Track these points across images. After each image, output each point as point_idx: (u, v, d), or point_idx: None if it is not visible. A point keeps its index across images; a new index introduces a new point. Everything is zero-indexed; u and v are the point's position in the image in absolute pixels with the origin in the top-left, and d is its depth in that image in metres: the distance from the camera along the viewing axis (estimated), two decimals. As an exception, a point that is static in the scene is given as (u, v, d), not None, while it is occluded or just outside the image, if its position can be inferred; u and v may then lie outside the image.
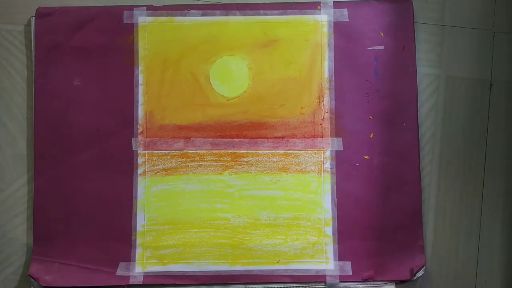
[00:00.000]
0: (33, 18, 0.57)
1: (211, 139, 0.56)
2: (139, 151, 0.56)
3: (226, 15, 0.57)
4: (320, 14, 0.57)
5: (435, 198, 0.56)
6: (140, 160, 0.56)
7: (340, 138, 0.56)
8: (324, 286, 0.55)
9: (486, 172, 0.57)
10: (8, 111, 0.57)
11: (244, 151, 0.56)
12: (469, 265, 0.56)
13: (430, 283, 0.56)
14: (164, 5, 0.57)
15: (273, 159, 0.56)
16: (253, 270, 0.55)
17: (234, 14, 0.57)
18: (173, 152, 0.56)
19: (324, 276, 0.55)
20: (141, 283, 0.54)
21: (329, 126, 0.56)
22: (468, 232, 0.56)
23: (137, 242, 0.55)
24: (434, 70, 0.58)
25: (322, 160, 0.56)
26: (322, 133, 0.56)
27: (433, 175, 0.57)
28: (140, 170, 0.56)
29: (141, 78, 0.57)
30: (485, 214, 0.57)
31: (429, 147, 0.57)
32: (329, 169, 0.56)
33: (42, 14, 0.57)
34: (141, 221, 0.55)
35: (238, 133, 0.56)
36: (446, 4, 0.58)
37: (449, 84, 0.58)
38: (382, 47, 0.56)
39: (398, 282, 0.55)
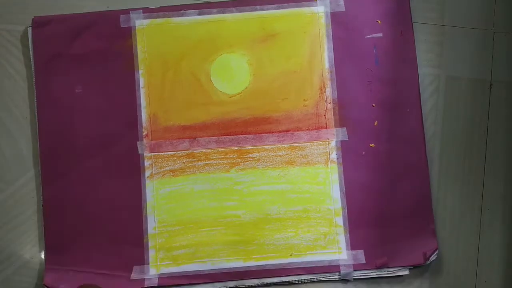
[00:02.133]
0: (30, 28, 0.57)
1: (216, 137, 0.56)
2: (145, 154, 0.56)
3: (223, 13, 0.57)
4: (316, 5, 0.57)
5: (435, 198, 0.56)
6: (146, 163, 0.56)
7: (345, 127, 0.56)
8: (339, 276, 0.55)
9: (486, 172, 0.57)
10: (8, 111, 0.57)
11: (249, 147, 0.56)
12: (469, 265, 0.56)
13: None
14: (160, 7, 0.57)
15: (279, 153, 0.56)
16: (266, 265, 0.55)
17: (231, 11, 0.57)
18: (179, 153, 0.56)
19: (338, 266, 0.55)
20: (156, 285, 0.54)
21: (332, 117, 0.56)
22: (468, 232, 0.56)
23: (150, 245, 0.55)
24: (434, 70, 0.58)
25: (328, 151, 0.56)
26: (326, 124, 0.56)
27: (433, 175, 0.56)
28: (147, 173, 0.56)
29: (142, 81, 0.56)
30: (485, 214, 0.57)
31: (429, 147, 0.57)
32: (335, 160, 0.56)
33: (38, 24, 0.56)
34: (152, 224, 0.55)
35: (242, 130, 0.56)
36: (446, 4, 0.58)
37: (449, 84, 0.57)
38: (380, 35, 0.57)
39: (412, 268, 0.55)
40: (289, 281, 0.55)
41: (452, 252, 0.56)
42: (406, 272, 0.55)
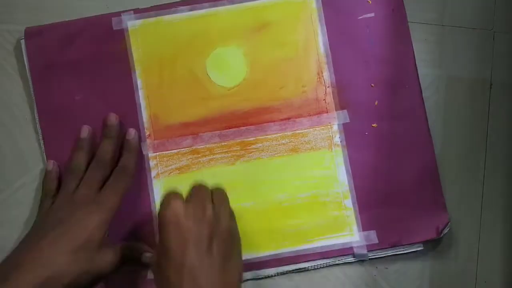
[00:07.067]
0: (22, 40, 0.56)
1: (218, 131, 0.56)
2: (149, 154, 0.56)
3: (214, 6, 0.57)
4: (306, -9, 0.57)
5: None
6: (152, 163, 0.56)
7: (345, 110, 0.56)
8: (353, 258, 0.55)
9: (486, 172, 0.57)
10: (8, 111, 0.57)
11: (252, 138, 0.56)
12: (469, 265, 0.56)
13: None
14: (151, 6, 0.57)
15: (283, 142, 0.56)
16: (281, 253, 0.55)
17: (222, 4, 0.57)
18: (183, 150, 0.56)
19: (351, 248, 0.55)
20: (172, 283, 0.54)
21: (332, 100, 0.56)
22: (468, 232, 0.56)
23: (162, 244, 0.55)
24: (434, 70, 0.58)
25: (331, 134, 0.56)
26: (326, 108, 0.56)
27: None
28: (153, 173, 0.56)
29: (139, 82, 0.56)
30: (485, 214, 0.57)
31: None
32: (339, 143, 0.56)
33: (31, 35, 0.56)
34: (163, 223, 0.55)
35: (244, 121, 0.56)
36: (446, 4, 0.58)
37: (449, 84, 0.57)
38: (372, 14, 0.57)
39: (425, 243, 0.55)
40: (304, 268, 0.55)
41: (451, 252, 0.56)
42: (420, 248, 0.55)
